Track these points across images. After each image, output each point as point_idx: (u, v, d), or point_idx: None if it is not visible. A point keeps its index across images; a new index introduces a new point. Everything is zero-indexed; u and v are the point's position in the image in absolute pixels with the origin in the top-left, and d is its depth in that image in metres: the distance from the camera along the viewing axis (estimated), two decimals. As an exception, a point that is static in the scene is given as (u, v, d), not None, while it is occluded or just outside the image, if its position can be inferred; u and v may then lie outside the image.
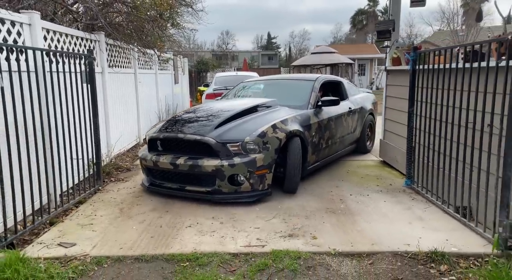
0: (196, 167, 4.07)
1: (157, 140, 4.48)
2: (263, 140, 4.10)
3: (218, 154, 4.06)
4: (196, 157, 4.16)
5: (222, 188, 4.08)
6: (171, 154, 4.34)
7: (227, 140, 4.08)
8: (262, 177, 4.11)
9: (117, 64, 6.73)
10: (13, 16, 3.57)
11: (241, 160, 4.00)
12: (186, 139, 4.23)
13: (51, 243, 3.27)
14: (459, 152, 3.55)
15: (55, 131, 3.89)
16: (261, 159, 4.05)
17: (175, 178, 4.36)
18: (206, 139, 4.11)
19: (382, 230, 3.44)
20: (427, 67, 4.18)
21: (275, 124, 4.32)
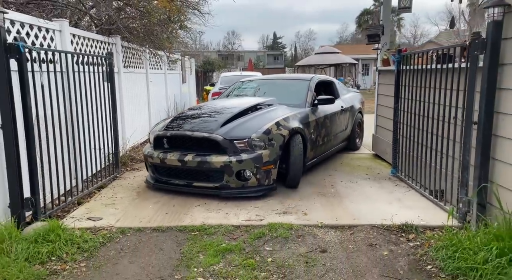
0: (204, 164, 4.18)
1: (163, 138, 4.59)
2: (268, 137, 4.24)
3: (225, 150, 4.18)
4: (203, 153, 4.27)
5: (230, 183, 4.20)
6: (177, 151, 4.44)
7: (234, 137, 4.22)
8: (268, 173, 4.25)
9: (131, 64, 7.32)
10: (48, 24, 4.17)
11: (248, 156, 4.14)
12: (194, 136, 4.35)
13: (81, 217, 3.86)
14: (433, 142, 4.07)
15: (81, 125, 4.48)
16: (267, 155, 4.19)
17: (183, 174, 4.46)
18: (214, 136, 4.23)
19: (364, 209, 3.98)
20: (409, 68, 4.71)
21: (278, 122, 4.46)
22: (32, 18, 3.93)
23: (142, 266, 2.94)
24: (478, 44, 3.18)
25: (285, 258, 3.01)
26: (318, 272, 2.80)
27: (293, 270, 2.84)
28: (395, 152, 5.20)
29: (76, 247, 3.19)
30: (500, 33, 3.07)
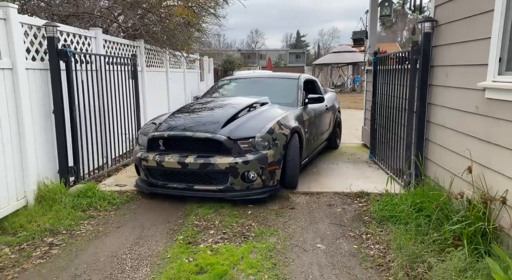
0: (208, 165, 3.99)
1: (159, 139, 4.33)
2: (272, 137, 4.13)
3: (229, 151, 4.02)
4: (205, 155, 4.09)
5: (234, 185, 4.04)
6: (176, 153, 4.21)
7: (239, 137, 4.07)
8: (273, 173, 4.15)
9: (153, 64, 8.44)
10: (86, 32, 5.28)
11: (254, 156, 4.00)
12: (196, 137, 4.12)
13: (110, 184, 4.95)
14: (394, 129, 4.94)
15: (110, 114, 5.58)
16: (271, 155, 4.08)
17: (182, 177, 4.23)
18: (218, 136, 4.04)
19: (335, 182, 4.90)
20: (381, 68, 5.58)
21: (279, 121, 4.36)
22: (75, 29, 5.05)
23: (155, 215, 3.98)
24: (415, 50, 4.05)
25: (261, 211, 3.99)
26: (283, 220, 3.77)
27: (265, 218, 3.82)
28: (373, 139, 6.08)
29: (107, 202, 4.27)
30: (429, 42, 3.94)
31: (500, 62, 2.85)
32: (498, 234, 2.76)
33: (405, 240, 3.03)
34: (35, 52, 4.18)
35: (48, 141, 4.36)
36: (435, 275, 2.55)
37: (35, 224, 3.61)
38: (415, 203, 3.48)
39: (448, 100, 3.69)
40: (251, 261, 2.95)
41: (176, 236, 3.46)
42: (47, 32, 4.26)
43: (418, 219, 3.27)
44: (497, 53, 2.85)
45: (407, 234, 3.12)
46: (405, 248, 2.92)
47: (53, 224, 3.62)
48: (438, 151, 3.88)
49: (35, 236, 3.42)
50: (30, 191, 3.98)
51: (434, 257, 2.75)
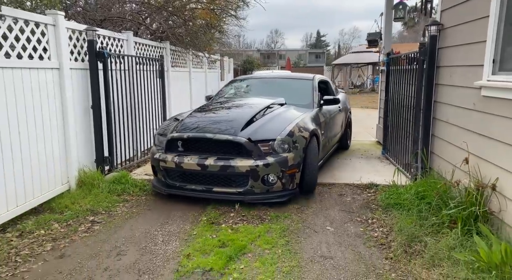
0: (228, 168, 3.94)
1: (178, 140, 4.26)
2: (292, 140, 4.08)
3: (250, 153, 3.97)
4: (225, 157, 4.04)
5: (254, 188, 3.99)
6: (195, 154, 4.16)
7: (259, 139, 4.02)
8: (292, 177, 4.09)
9: (177, 64, 8.94)
10: (119, 35, 5.79)
11: (275, 159, 3.95)
12: (216, 138, 4.05)
13: (140, 173, 5.43)
14: (404, 126, 5.24)
15: (140, 110, 6.08)
16: (292, 158, 4.02)
17: (201, 179, 4.17)
18: (239, 138, 3.98)
19: (347, 175, 5.24)
20: (394, 68, 5.87)
21: (298, 123, 4.31)
22: (110, 32, 5.56)
23: (181, 200, 4.42)
24: (423, 52, 4.35)
25: (277, 199, 4.37)
26: (296, 206, 4.14)
27: (280, 204, 4.19)
28: (385, 136, 6.37)
29: (138, 188, 4.74)
30: (436, 44, 4.24)
31: (494, 63, 3.15)
32: (490, 218, 3.06)
33: (406, 224, 3.36)
34: (77, 54, 4.69)
35: (86, 134, 4.87)
36: (429, 251, 2.88)
37: (78, 205, 4.11)
38: (418, 192, 3.80)
39: (451, 98, 3.99)
40: (267, 238, 3.35)
41: (200, 217, 3.89)
42: (87, 36, 4.77)
43: (420, 206, 3.59)
44: (491, 55, 3.15)
45: (409, 219, 3.45)
46: (405, 230, 3.25)
47: (93, 205, 4.11)
48: (442, 145, 4.18)
49: (78, 214, 3.91)
50: (72, 177, 4.49)
51: (430, 237, 3.08)
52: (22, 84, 3.69)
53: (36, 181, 3.90)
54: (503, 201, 2.93)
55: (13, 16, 3.55)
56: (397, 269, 2.84)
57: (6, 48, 3.48)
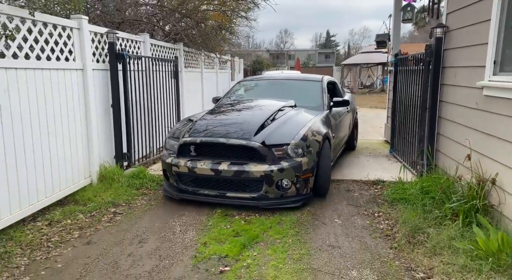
0: (242, 173, 3.90)
1: (190, 144, 4.21)
2: (306, 144, 4.04)
3: (263, 158, 3.93)
4: (239, 162, 4.00)
5: (269, 193, 3.95)
6: (208, 159, 4.12)
7: (273, 143, 3.98)
8: (307, 181, 4.06)
9: (190, 65, 9.20)
10: (137, 37, 6.06)
11: (289, 164, 3.91)
12: (229, 143, 4.00)
13: (156, 169, 5.68)
14: (411, 124, 5.40)
15: (155, 109, 6.34)
16: (306, 163, 3.99)
17: (214, 184, 4.12)
18: (253, 143, 3.93)
19: (354, 172, 5.42)
20: (401, 68, 6.03)
21: (311, 127, 4.27)
22: (128, 34, 5.82)
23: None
24: (429, 53, 4.52)
25: (287, 194, 4.58)
26: (307, 202, 4.34)
27: (291, 199, 4.40)
28: (393, 135, 6.53)
29: (155, 183, 4.99)
30: (441, 46, 4.40)
31: (494, 64, 3.32)
32: (490, 210, 3.23)
33: (411, 217, 3.54)
34: (98, 55, 4.96)
35: (107, 131, 5.13)
36: (431, 241, 3.06)
37: (100, 197, 4.37)
38: (423, 187, 3.97)
39: (455, 97, 4.15)
40: (278, 229, 3.56)
41: (214, 210, 4.11)
42: (108, 38, 5.04)
43: (424, 200, 3.77)
44: (492, 57, 3.32)
45: (413, 212, 3.63)
46: (410, 222, 3.44)
47: (114, 198, 4.37)
48: (447, 143, 4.34)
49: (101, 206, 4.17)
50: (94, 172, 4.75)
51: (433, 228, 3.26)
52: (51, 84, 3.96)
53: (62, 175, 4.17)
54: (502, 194, 3.10)
55: (43, 21, 3.82)
56: (400, 257, 3.03)
57: (37, 51, 3.75)
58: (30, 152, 3.67)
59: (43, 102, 3.84)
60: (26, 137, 3.60)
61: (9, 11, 3.34)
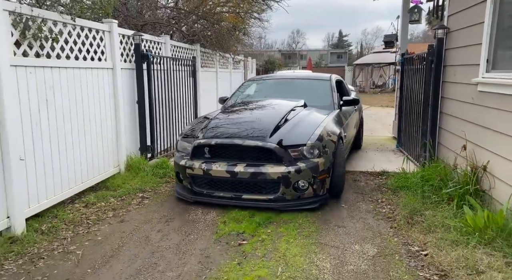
0: (259, 175, 3.85)
1: (205, 146, 4.14)
2: (322, 144, 3.98)
3: (280, 159, 3.88)
4: (255, 163, 3.95)
5: (286, 195, 3.90)
6: (223, 161, 4.06)
7: (289, 144, 3.93)
8: (323, 182, 4.00)
9: (205, 65, 9.65)
10: (159, 39, 6.52)
11: (306, 165, 3.86)
12: (245, 145, 3.95)
13: (176, 162, 6.13)
14: (415, 119, 5.72)
15: (175, 105, 6.79)
16: (322, 164, 3.94)
17: (229, 186, 4.08)
18: (269, 144, 3.88)
19: (361, 164, 5.78)
20: (407, 67, 6.36)
21: (326, 127, 4.22)
22: (151, 36, 6.28)
23: (214, 182, 5.08)
24: (431, 53, 4.85)
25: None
26: (315, 189, 4.73)
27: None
28: (399, 131, 6.85)
29: (177, 173, 5.43)
30: (442, 46, 4.73)
31: (487, 63, 3.65)
32: (481, 194, 3.57)
33: (411, 201, 3.89)
34: (125, 56, 5.42)
35: (132, 125, 5.60)
36: (426, 221, 3.42)
37: (128, 184, 4.82)
38: (423, 176, 4.32)
39: (455, 93, 4.48)
40: (289, 212, 3.95)
41: (232, 196, 4.52)
42: (134, 40, 5.50)
43: (424, 187, 4.12)
44: (485, 56, 3.66)
45: (413, 198, 3.99)
46: (409, 206, 3.80)
47: (141, 185, 4.82)
48: (447, 136, 4.67)
49: (130, 192, 4.62)
50: (122, 162, 5.22)
51: (430, 211, 3.61)
52: (86, 82, 4.43)
53: (95, 164, 4.64)
54: (492, 180, 3.43)
55: (81, 25, 4.28)
56: (399, 235, 3.39)
57: (76, 52, 4.22)
58: (70, 141, 4.14)
59: (80, 98, 4.31)
60: (66, 128, 4.07)
61: (54, 17, 3.81)
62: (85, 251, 3.18)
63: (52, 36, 3.75)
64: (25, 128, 3.46)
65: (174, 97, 6.69)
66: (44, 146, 3.72)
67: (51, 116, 3.82)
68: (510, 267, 2.58)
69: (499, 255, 2.72)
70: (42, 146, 3.70)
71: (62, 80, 3.99)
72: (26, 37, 3.47)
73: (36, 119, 3.61)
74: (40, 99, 3.66)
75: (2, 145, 3.21)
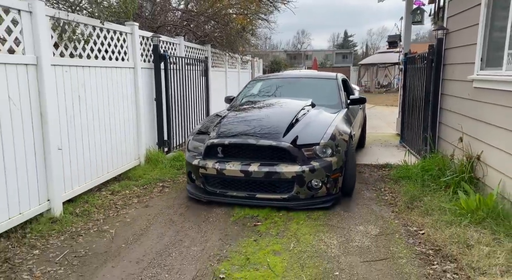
0: (273, 174, 3.87)
1: (218, 146, 4.15)
2: (335, 143, 4.01)
3: (294, 159, 3.90)
4: (269, 163, 3.96)
5: (300, 194, 3.92)
6: (237, 160, 4.07)
7: (303, 144, 3.96)
8: (336, 181, 4.04)
9: (215, 65, 10.02)
10: (174, 40, 6.90)
11: (320, 164, 3.88)
12: (259, 144, 3.96)
13: (191, 156, 6.50)
14: (417, 116, 6.05)
15: (188, 103, 7.17)
16: (335, 163, 3.97)
17: (242, 185, 4.08)
18: (283, 144, 3.90)
19: (366, 158, 6.12)
20: (409, 66, 6.69)
21: (337, 126, 4.25)
22: (167, 38, 6.67)
23: (228, 174, 5.44)
24: (431, 52, 5.18)
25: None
26: (323, 179, 5.07)
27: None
28: (402, 127, 7.18)
29: (192, 165, 5.80)
30: (442, 46, 5.06)
31: (481, 61, 3.98)
32: (475, 182, 3.90)
33: (411, 189, 4.23)
34: (145, 56, 5.81)
35: (151, 121, 5.98)
36: (425, 205, 3.76)
37: (148, 175, 5.20)
38: (423, 166, 4.66)
39: (453, 90, 4.81)
40: (300, 198, 4.30)
41: (245, 185, 4.88)
42: (152, 41, 5.88)
43: (423, 176, 4.46)
44: (479, 55, 3.99)
45: (414, 186, 4.32)
46: (409, 193, 4.13)
47: (160, 176, 5.20)
48: (446, 130, 5.00)
49: (150, 181, 5.00)
50: (142, 154, 5.60)
51: (428, 197, 3.95)
52: (112, 81, 4.81)
53: (119, 156, 5.02)
54: (485, 168, 3.76)
55: (107, 28, 4.67)
56: (399, 218, 3.73)
57: (102, 52, 4.61)
58: (98, 134, 4.52)
59: (106, 94, 4.70)
60: (95, 123, 4.46)
61: (86, 21, 4.20)
62: (117, 230, 3.56)
63: (84, 37, 4.14)
64: (61, 121, 3.85)
65: (188, 95, 7.06)
66: (76, 138, 4.11)
67: (82, 110, 4.21)
68: (496, 241, 2.91)
69: (488, 232, 3.05)
70: (75, 138, 4.09)
71: (91, 78, 4.37)
72: (63, 39, 3.86)
73: (70, 113, 4.00)
74: (74, 95, 4.05)
75: (44, 135, 3.60)
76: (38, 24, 3.43)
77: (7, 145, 3.19)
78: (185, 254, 3.09)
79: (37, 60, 3.48)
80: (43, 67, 3.52)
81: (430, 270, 2.76)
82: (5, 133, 3.17)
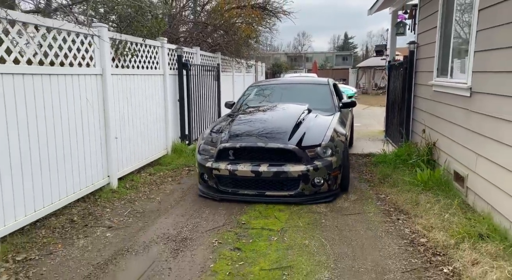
0: (281, 173, 4.26)
1: (230, 149, 4.53)
2: (334, 144, 4.45)
3: (299, 159, 4.29)
4: (277, 163, 4.35)
5: (305, 190, 4.34)
6: (246, 161, 4.44)
7: (306, 145, 4.37)
8: (336, 178, 4.48)
9: (224, 70, 11.23)
10: (192, 50, 8.12)
11: (322, 164, 4.30)
12: (268, 147, 4.35)
13: (207, 148, 7.71)
14: (396, 113, 7.24)
15: (203, 104, 8.38)
16: (335, 162, 4.40)
17: (252, 184, 4.45)
18: (290, 146, 4.31)
19: (354, 149, 7.32)
20: (392, 72, 7.89)
21: (335, 129, 4.67)
22: (188, 48, 7.88)
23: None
24: (406, 61, 6.38)
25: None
26: (317, 165, 6.27)
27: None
28: (386, 124, 8.38)
29: (210, 155, 7.00)
30: (414, 56, 6.26)
31: (437, 70, 5.18)
32: (432, 162, 5.10)
33: (385, 169, 5.43)
34: (171, 64, 7.02)
35: (175, 118, 7.19)
36: (392, 180, 4.95)
37: (176, 162, 6.41)
38: (396, 153, 5.86)
39: (421, 92, 6.01)
40: (298, 177, 5.50)
41: (255, 169, 6.08)
42: (176, 52, 7.10)
43: (396, 161, 5.65)
44: (436, 65, 5.19)
45: (387, 168, 5.52)
46: (383, 172, 5.33)
47: (186, 162, 6.41)
48: (416, 124, 6.20)
49: (178, 167, 6.21)
50: (169, 146, 6.81)
51: (397, 175, 5.14)
52: (149, 86, 6.02)
53: (153, 146, 6.23)
54: (438, 152, 4.96)
55: (146, 44, 5.89)
56: (373, 189, 4.92)
57: (142, 63, 5.82)
58: (138, 128, 5.73)
59: (144, 97, 5.91)
60: (136, 119, 5.66)
61: (132, 39, 5.42)
62: (162, 198, 4.77)
63: (131, 52, 5.35)
64: (116, 117, 5.06)
65: (203, 97, 8.27)
66: (125, 130, 5.32)
67: (129, 109, 5.42)
68: (436, 200, 4.11)
69: (432, 196, 4.25)
70: (124, 130, 5.30)
71: (134, 84, 5.58)
72: (117, 54, 5.07)
73: (121, 111, 5.20)
74: (123, 97, 5.26)
75: (106, 127, 4.81)
76: (104, 45, 4.65)
77: (86, 134, 4.40)
78: (215, 211, 4.29)
79: (103, 71, 4.70)
80: (106, 76, 4.73)
81: (388, 219, 3.96)
82: (85, 125, 4.38)
